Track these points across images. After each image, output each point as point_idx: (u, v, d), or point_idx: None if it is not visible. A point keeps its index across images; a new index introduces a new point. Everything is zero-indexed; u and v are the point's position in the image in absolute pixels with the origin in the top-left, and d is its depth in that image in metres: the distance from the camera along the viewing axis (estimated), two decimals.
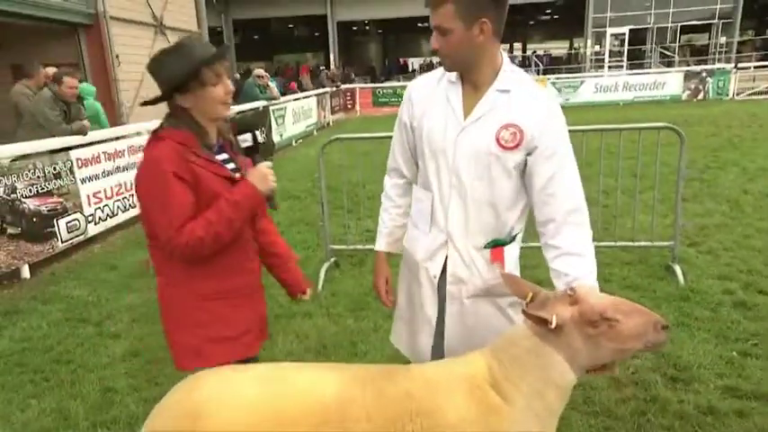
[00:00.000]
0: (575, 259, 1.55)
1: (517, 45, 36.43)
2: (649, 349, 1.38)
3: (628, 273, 4.16)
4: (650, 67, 22.66)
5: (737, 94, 17.71)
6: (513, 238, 1.70)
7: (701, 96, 17.71)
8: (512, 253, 1.71)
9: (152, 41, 13.51)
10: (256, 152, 1.71)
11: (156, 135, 1.64)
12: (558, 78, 19.06)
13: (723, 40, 23.38)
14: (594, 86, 18.00)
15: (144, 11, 13.22)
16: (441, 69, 1.70)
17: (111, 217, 6.17)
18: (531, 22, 33.65)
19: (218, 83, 1.63)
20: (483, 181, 1.60)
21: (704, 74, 18.14)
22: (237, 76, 16.19)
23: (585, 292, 1.41)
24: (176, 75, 1.58)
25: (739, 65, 18.54)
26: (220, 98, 1.64)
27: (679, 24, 24.00)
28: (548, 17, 32.57)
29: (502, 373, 1.42)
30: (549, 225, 1.59)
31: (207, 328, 1.71)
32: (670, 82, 18.03)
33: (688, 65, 21.22)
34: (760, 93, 17.72)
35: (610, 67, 23.18)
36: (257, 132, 1.72)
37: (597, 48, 24.24)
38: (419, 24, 29.54)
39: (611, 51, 23.56)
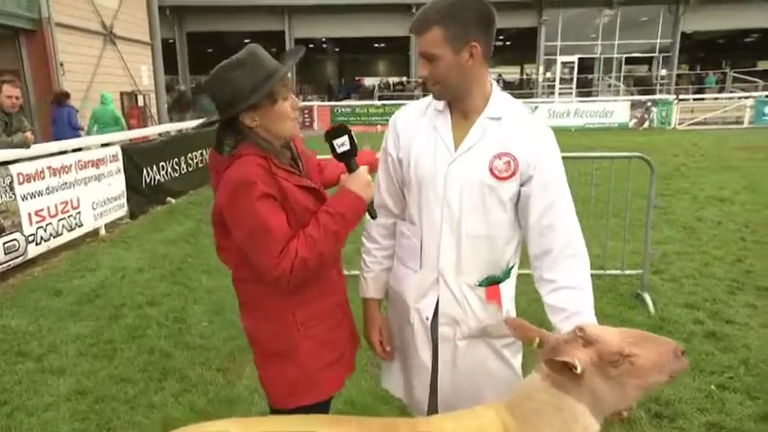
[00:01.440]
0: (572, 293, 1.47)
1: None
2: (672, 379, 1.30)
3: (599, 302, 4.10)
4: (597, 95, 23.69)
5: (679, 124, 18.71)
6: (509, 274, 1.62)
7: (646, 125, 18.55)
8: (507, 290, 1.63)
9: (100, 51, 13.00)
10: (353, 156, 1.57)
11: (232, 155, 1.48)
12: None
13: (663, 72, 24.79)
14: (548, 112, 18.61)
15: (93, 18, 12.72)
16: (426, 99, 1.63)
17: (54, 237, 5.74)
18: None
19: (288, 97, 1.50)
20: (477, 214, 1.53)
21: (649, 103, 19.03)
22: (182, 87, 15.74)
23: (596, 330, 1.32)
24: (247, 91, 1.42)
25: (680, 96, 19.65)
26: (289, 114, 1.51)
27: (624, 56, 25.26)
28: (500, 43, 32.80)
29: (519, 431, 1.30)
30: (544, 258, 1.51)
31: (316, 356, 1.58)
32: (618, 110, 18.85)
33: (632, 94, 22.26)
34: (699, 123, 18.80)
35: (560, 93, 24.03)
36: (353, 135, 1.57)
37: (549, 74, 25.18)
38: (376, 45, 29.84)
39: (561, 78, 24.57)
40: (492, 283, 1.59)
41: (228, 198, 1.43)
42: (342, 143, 1.56)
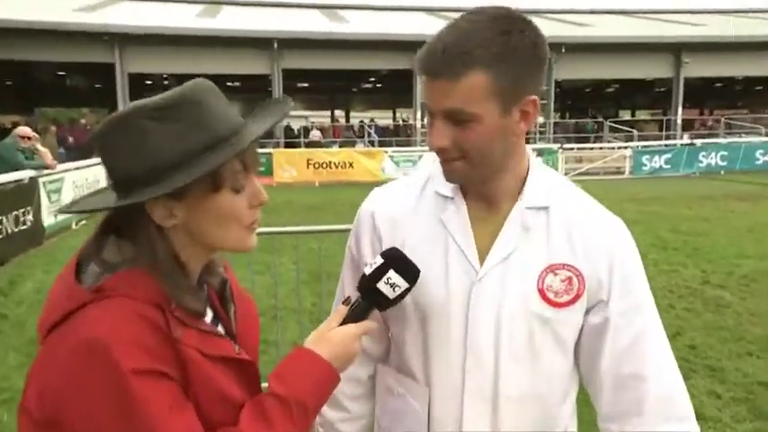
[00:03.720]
0: None
1: (338, 112, 37.47)
2: None
3: None
4: None
5: (566, 174, 20.25)
6: None
7: None
8: None
9: None
10: (386, 307, 1.12)
11: (93, 289, 0.93)
12: (396, 152, 19.78)
13: (541, 119, 27.05)
14: (433, 162, 19.19)
15: None
16: (417, 175, 1.33)
17: None
18: (354, 90, 34.89)
19: (246, 185, 1.00)
20: (522, 363, 1.19)
21: (535, 153, 20.28)
22: None
23: None
24: (167, 165, 0.93)
25: (564, 146, 21.41)
26: (243, 216, 1.00)
27: None
28: (370, 85, 33.88)
29: None
30: (627, 421, 1.18)
31: None
32: None
33: None
34: (587, 173, 20.44)
35: None
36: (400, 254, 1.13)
37: (426, 120, 26.26)
38: (228, 84, 29.17)
39: None
40: None
41: (71, 382, 0.86)
42: (396, 284, 1.10)
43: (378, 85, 33.02)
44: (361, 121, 30.71)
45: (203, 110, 0.94)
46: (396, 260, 1.10)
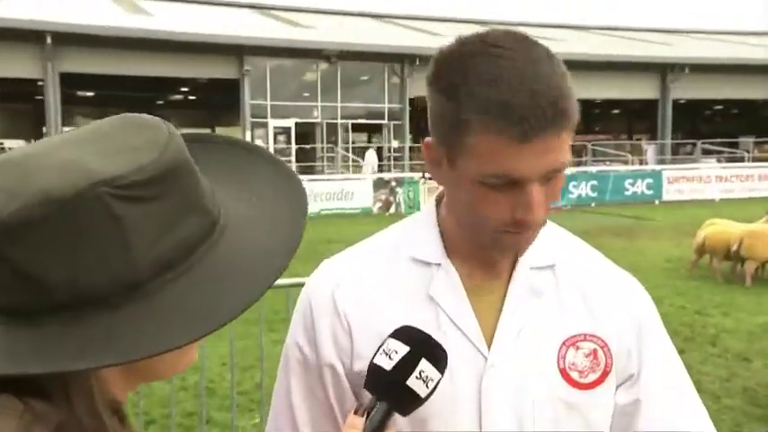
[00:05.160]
0: None
1: None
2: None
3: None
4: (323, 171, 23.75)
5: None
6: None
7: (392, 209, 19.10)
8: None
9: None
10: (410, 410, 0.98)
11: None
12: None
13: (395, 144, 25.62)
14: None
15: None
16: (381, 240, 1.22)
17: None
18: (160, 102, 32.75)
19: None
20: None
21: (393, 183, 19.73)
22: None
23: None
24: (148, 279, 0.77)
25: (426, 174, 20.04)
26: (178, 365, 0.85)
27: (350, 122, 25.88)
28: (181, 96, 32.10)
29: None
30: None
31: None
32: (359, 191, 19.20)
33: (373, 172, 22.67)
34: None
35: None
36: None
37: (258, 142, 23.82)
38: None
39: (275, 149, 24.24)
40: None
41: None
42: (429, 377, 0.98)
43: (191, 98, 31.44)
44: None
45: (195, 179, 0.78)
46: (424, 345, 0.98)
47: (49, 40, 20.47)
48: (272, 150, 23.21)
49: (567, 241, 1.19)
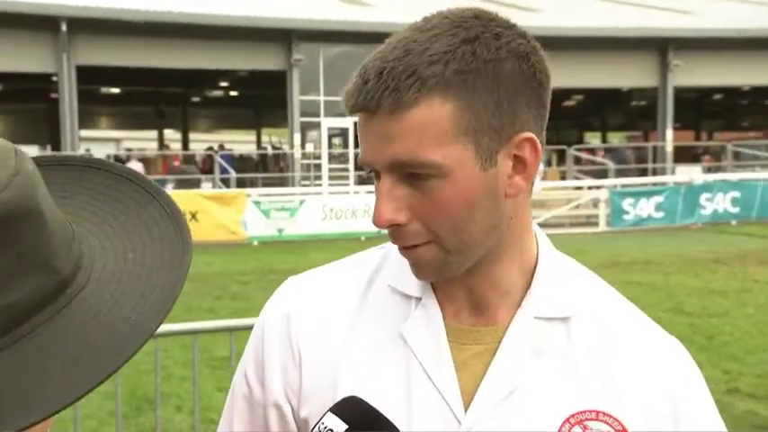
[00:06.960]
0: None
1: (169, 133, 36.21)
2: None
3: None
4: None
5: None
6: None
7: None
8: None
9: None
10: None
11: None
12: (264, 195, 18.84)
13: None
14: (322, 210, 17.91)
15: None
16: (360, 260, 1.23)
17: None
18: (196, 99, 33.63)
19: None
20: None
21: None
22: None
23: None
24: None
25: None
26: None
27: None
28: (221, 93, 32.40)
29: None
30: None
31: None
32: None
33: None
34: (543, 226, 18.17)
35: (332, 177, 23.40)
36: None
37: (309, 147, 24.70)
38: None
39: (331, 155, 24.19)
40: None
41: None
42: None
43: (232, 93, 31.54)
44: (209, 148, 29.22)
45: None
46: (366, 423, 1.03)
47: (63, 27, 20.61)
48: (326, 156, 21.25)
49: (596, 290, 1.16)
